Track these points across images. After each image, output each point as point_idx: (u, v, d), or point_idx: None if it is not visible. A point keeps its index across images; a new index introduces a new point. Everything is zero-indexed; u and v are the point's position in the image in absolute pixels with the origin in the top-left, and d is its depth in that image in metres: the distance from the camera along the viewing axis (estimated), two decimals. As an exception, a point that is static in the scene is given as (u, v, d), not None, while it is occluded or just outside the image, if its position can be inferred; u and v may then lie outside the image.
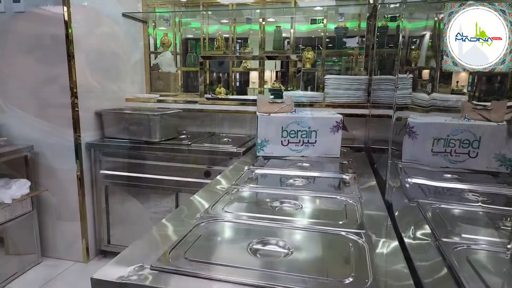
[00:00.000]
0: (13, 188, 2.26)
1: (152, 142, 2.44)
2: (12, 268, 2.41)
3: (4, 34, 2.42)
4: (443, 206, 1.16)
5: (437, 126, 1.33)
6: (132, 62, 3.00)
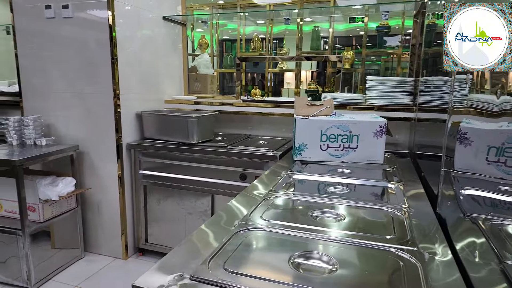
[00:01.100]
0: (60, 186, 2.37)
1: (189, 144, 2.47)
2: (57, 261, 2.53)
3: (53, 38, 2.54)
4: (505, 223, 1.05)
5: (492, 133, 1.22)
6: (171, 64, 3.06)
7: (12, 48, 2.69)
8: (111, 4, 2.35)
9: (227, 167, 2.36)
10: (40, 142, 2.50)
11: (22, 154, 2.25)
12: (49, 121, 2.67)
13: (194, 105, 2.91)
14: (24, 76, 2.70)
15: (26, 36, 2.62)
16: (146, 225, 2.70)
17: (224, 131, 2.96)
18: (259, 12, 3.40)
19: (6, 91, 3.28)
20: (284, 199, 1.39)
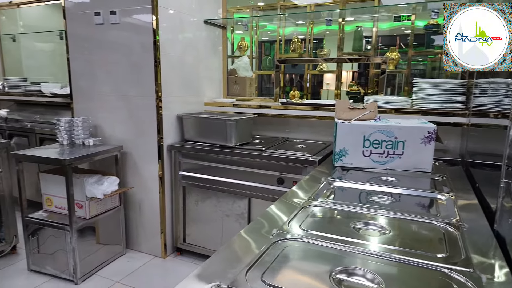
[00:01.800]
0: (105, 185, 2.48)
1: (228, 146, 2.47)
2: (101, 257, 2.65)
3: (101, 43, 2.67)
4: None
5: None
6: (211, 67, 3.09)
7: (64, 52, 2.86)
8: (156, 9, 2.42)
9: (264, 171, 2.34)
10: (88, 142, 2.63)
11: (72, 154, 2.38)
12: (96, 122, 2.81)
13: (233, 108, 2.92)
14: (74, 79, 2.85)
15: (76, 41, 2.77)
16: (184, 225, 2.75)
17: (262, 133, 2.95)
18: (299, 13, 3.35)
19: (59, 93, 3.51)
20: (324, 208, 1.34)
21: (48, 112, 3.67)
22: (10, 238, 2.70)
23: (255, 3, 3.70)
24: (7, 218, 2.67)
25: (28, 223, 2.46)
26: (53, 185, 2.47)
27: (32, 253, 2.52)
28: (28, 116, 3.71)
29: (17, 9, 4.05)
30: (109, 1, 2.56)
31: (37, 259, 2.52)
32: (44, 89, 3.62)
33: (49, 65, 4.15)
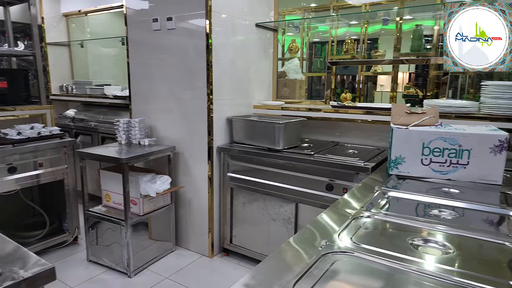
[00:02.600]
0: (158, 183, 2.58)
1: (275, 150, 2.45)
2: (152, 252, 2.77)
3: (158, 47, 2.79)
4: None
5: None
6: (261, 69, 3.09)
7: (125, 56, 3.03)
8: (209, 13, 2.47)
9: (313, 176, 2.28)
10: (144, 142, 2.76)
11: (129, 153, 2.52)
12: (152, 123, 2.94)
13: (281, 111, 2.89)
14: (133, 81, 3.02)
15: (136, 46, 2.93)
16: (231, 226, 2.77)
17: (311, 137, 2.88)
18: (354, 14, 3.22)
19: (119, 95, 3.74)
20: (378, 220, 1.25)
21: (110, 113, 3.94)
22: (73, 229, 2.92)
23: (307, 4, 3.64)
24: (70, 210, 2.90)
25: (88, 217, 2.65)
26: (112, 182, 2.62)
27: (91, 244, 2.70)
28: (93, 116, 4.01)
29: (85, 17, 4.40)
30: (166, 8, 2.67)
31: (95, 251, 2.71)
32: (106, 91, 3.88)
33: (111, 69, 4.45)
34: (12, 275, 0.88)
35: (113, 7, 3.94)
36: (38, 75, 3.11)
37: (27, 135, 2.62)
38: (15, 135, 2.59)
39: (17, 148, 2.50)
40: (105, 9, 4.07)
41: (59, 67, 4.50)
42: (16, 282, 0.86)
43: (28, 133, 2.64)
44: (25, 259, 0.98)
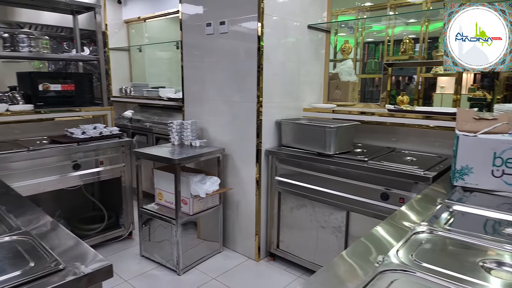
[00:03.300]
0: (207, 184, 2.63)
1: (326, 155, 2.37)
2: (201, 252, 2.83)
3: (210, 51, 2.85)
4: None
5: None
6: (312, 71, 3.02)
7: (179, 60, 3.14)
8: (261, 16, 2.47)
9: (366, 184, 2.17)
10: (195, 144, 2.83)
11: (181, 154, 2.59)
12: (203, 125, 3.01)
13: (333, 114, 2.80)
14: (186, 84, 3.12)
15: (189, 50, 3.02)
16: (279, 230, 2.74)
17: (364, 142, 2.75)
18: (414, 12, 3.03)
19: (173, 97, 3.89)
20: (441, 236, 1.14)
21: (164, 114, 4.11)
22: (128, 224, 3.08)
23: (361, 3, 3.50)
24: (126, 206, 3.06)
25: (142, 213, 2.77)
26: (164, 181, 2.72)
27: (144, 240, 2.83)
28: (148, 117, 4.21)
29: (144, 23, 4.65)
30: (219, 12, 2.72)
31: (147, 246, 2.83)
32: (161, 93, 4.06)
33: (166, 72, 4.65)
34: (74, 270, 0.93)
35: (169, 13, 4.11)
36: (101, 78, 3.33)
37: (90, 135, 2.81)
38: (80, 134, 2.79)
39: (81, 147, 2.69)
40: (162, 15, 4.27)
41: (120, 71, 4.80)
42: (77, 277, 0.91)
43: (91, 133, 2.83)
44: (84, 254, 1.02)
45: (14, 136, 2.82)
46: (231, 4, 2.64)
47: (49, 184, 2.56)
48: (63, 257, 0.98)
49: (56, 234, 1.15)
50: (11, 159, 2.36)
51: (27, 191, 2.35)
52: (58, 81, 3.00)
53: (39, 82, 2.89)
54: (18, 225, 1.19)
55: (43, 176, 2.51)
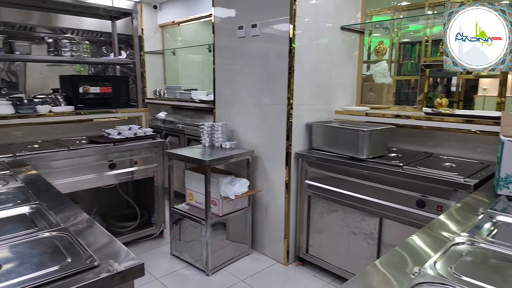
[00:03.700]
0: (236, 186, 2.64)
1: (358, 159, 2.31)
2: (229, 253, 2.84)
3: (241, 53, 2.86)
4: None
5: None
6: (344, 73, 2.96)
7: (211, 63, 3.19)
8: (293, 18, 2.45)
9: (401, 190, 2.08)
10: (225, 145, 2.86)
11: (211, 155, 2.62)
12: (233, 127, 3.03)
13: (365, 117, 2.72)
14: (218, 86, 3.15)
15: (221, 53, 3.05)
16: (308, 235, 2.69)
17: (399, 146, 2.65)
18: (454, 9, 2.88)
19: (205, 99, 3.95)
20: (483, 249, 1.07)
21: (196, 116, 4.18)
22: (160, 223, 3.16)
23: (398, 3, 3.38)
24: (158, 205, 3.13)
25: (173, 213, 2.83)
26: (195, 182, 2.77)
27: (175, 239, 2.88)
28: (180, 118, 4.30)
29: (178, 27, 4.77)
30: (251, 15, 2.73)
31: (178, 246, 2.88)
32: (193, 95, 4.14)
33: (199, 74, 4.73)
34: (108, 267, 0.96)
35: (202, 16, 4.19)
36: (137, 81, 3.45)
37: (126, 135, 2.91)
38: (116, 135, 2.90)
39: (117, 147, 2.80)
40: (196, 19, 4.35)
41: (154, 73, 4.95)
42: (111, 274, 0.93)
43: (127, 134, 2.93)
44: (118, 252, 1.05)
45: (56, 136, 2.98)
46: (263, 7, 2.64)
47: (87, 182, 2.67)
48: (98, 254, 1.01)
49: (92, 231, 1.20)
50: (53, 157, 2.49)
51: (66, 189, 2.48)
52: (97, 83, 3.14)
53: (80, 85, 3.04)
54: (58, 221, 1.25)
55: (81, 174, 2.63)
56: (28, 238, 1.13)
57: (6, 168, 1.98)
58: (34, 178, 1.83)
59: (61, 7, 3.25)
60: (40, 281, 0.87)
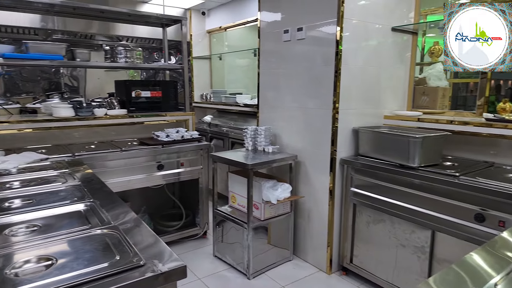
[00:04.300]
0: (279, 190, 2.62)
1: (409, 167, 2.17)
2: (271, 258, 2.82)
3: (286, 57, 2.84)
4: None
5: None
6: (394, 76, 2.82)
7: (256, 67, 3.20)
8: (341, 20, 2.38)
9: (456, 202, 1.93)
10: (268, 149, 2.85)
11: (254, 159, 2.63)
12: (276, 131, 3.01)
13: (417, 123, 2.56)
14: (262, 90, 3.16)
15: (266, 57, 3.06)
16: (352, 244, 2.59)
17: (455, 154, 2.46)
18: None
19: (249, 103, 3.98)
20: (559, 274, 0.95)
21: (240, 119, 4.23)
22: (203, 224, 3.23)
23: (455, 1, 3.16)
24: (202, 206, 3.20)
25: (216, 215, 2.87)
26: (238, 185, 2.79)
27: (217, 241, 2.92)
28: (225, 122, 4.38)
29: (224, 32, 4.87)
30: (297, 19, 2.70)
31: (220, 247, 2.92)
32: (238, 99, 4.19)
33: (243, 79, 4.79)
34: (152, 267, 0.98)
35: (249, 21, 4.24)
36: (184, 85, 3.57)
37: (173, 138, 3.02)
38: (165, 137, 3.01)
39: (165, 149, 2.91)
40: (242, 24, 4.42)
41: (201, 78, 5.10)
42: (155, 274, 0.96)
43: (174, 136, 3.04)
44: (162, 252, 1.08)
45: (110, 137, 3.17)
46: (309, 10, 2.60)
47: (137, 182, 2.81)
48: (144, 253, 1.05)
49: (139, 230, 1.24)
50: (107, 158, 2.64)
51: (119, 187, 2.62)
52: (148, 88, 3.30)
53: (132, 89, 3.21)
54: (109, 219, 1.32)
55: (132, 174, 2.77)
56: (82, 234, 1.20)
57: (66, 167, 2.13)
58: (90, 177, 1.96)
59: (117, 16, 3.47)
60: (90, 277, 0.92)
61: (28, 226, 1.28)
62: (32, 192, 1.65)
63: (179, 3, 4.55)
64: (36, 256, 1.05)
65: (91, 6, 2.98)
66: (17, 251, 1.09)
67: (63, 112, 2.83)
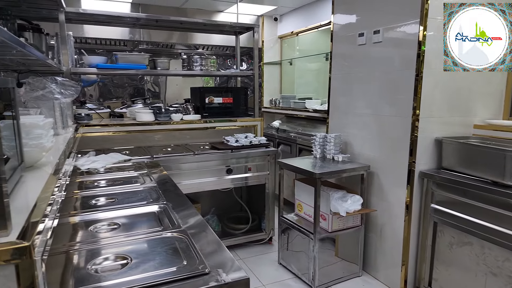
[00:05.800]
0: (348, 202, 2.48)
1: (505, 185, 1.89)
2: (338, 271, 2.69)
3: (361, 61, 2.70)
4: None
5: None
6: (488, 80, 2.48)
7: (327, 71, 3.10)
8: (424, 19, 2.18)
9: None
10: (337, 158, 2.73)
11: (322, 168, 2.54)
12: (347, 139, 2.88)
13: (517, 133, 2.22)
14: (332, 96, 3.05)
15: (339, 61, 2.94)
16: (432, 266, 2.34)
17: None
18: None
19: (318, 109, 3.88)
20: None
21: (308, 125, 4.15)
22: (269, 229, 3.22)
23: None
24: (268, 212, 3.20)
25: (282, 222, 2.84)
26: (304, 193, 2.72)
27: (282, 248, 2.89)
28: (293, 127, 4.34)
29: (296, 37, 4.84)
30: (373, 21, 2.55)
31: (285, 255, 2.87)
32: (307, 104, 4.12)
33: (313, 83, 4.70)
34: (216, 276, 0.98)
35: (321, 25, 4.14)
36: (254, 91, 3.62)
37: (242, 143, 3.07)
38: (234, 142, 3.08)
39: (234, 153, 2.97)
40: (314, 28, 4.34)
41: (271, 83, 5.14)
42: (218, 284, 0.96)
43: (243, 141, 3.09)
44: (226, 261, 1.08)
45: (185, 141, 3.35)
46: (387, 11, 2.44)
47: (208, 185, 2.92)
48: (209, 260, 1.06)
49: (206, 235, 1.27)
50: (181, 160, 2.79)
51: (191, 189, 2.76)
52: (221, 94, 3.42)
53: (206, 95, 3.35)
54: (179, 222, 1.37)
55: (204, 177, 2.88)
56: (155, 236, 1.26)
57: (145, 168, 2.30)
58: (165, 178, 2.08)
59: (194, 26, 3.67)
60: (159, 280, 0.95)
61: (110, 224, 1.40)
62: (115, 191, 1.80)
63: (252, 10, 4.64)
64: (114, 254, 1.13)
65: (172, 18, 3.20)
66: (99, 247, 1.18)
67: (145, 116, 3.07)
